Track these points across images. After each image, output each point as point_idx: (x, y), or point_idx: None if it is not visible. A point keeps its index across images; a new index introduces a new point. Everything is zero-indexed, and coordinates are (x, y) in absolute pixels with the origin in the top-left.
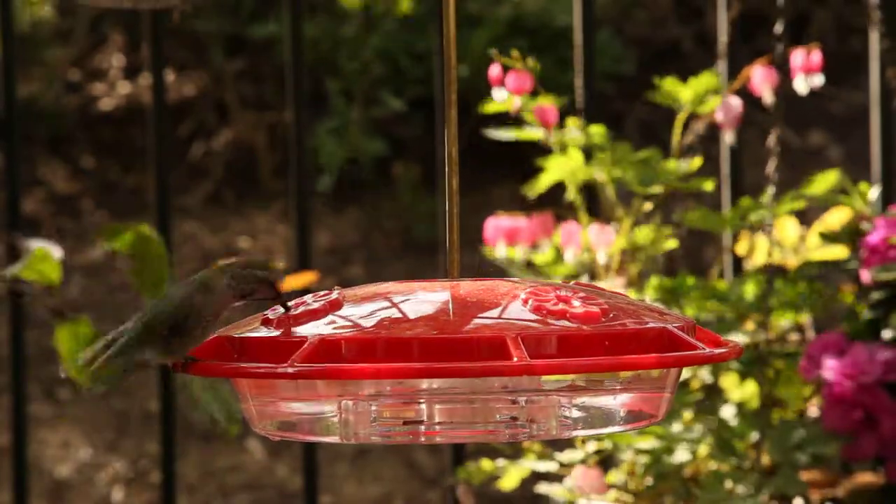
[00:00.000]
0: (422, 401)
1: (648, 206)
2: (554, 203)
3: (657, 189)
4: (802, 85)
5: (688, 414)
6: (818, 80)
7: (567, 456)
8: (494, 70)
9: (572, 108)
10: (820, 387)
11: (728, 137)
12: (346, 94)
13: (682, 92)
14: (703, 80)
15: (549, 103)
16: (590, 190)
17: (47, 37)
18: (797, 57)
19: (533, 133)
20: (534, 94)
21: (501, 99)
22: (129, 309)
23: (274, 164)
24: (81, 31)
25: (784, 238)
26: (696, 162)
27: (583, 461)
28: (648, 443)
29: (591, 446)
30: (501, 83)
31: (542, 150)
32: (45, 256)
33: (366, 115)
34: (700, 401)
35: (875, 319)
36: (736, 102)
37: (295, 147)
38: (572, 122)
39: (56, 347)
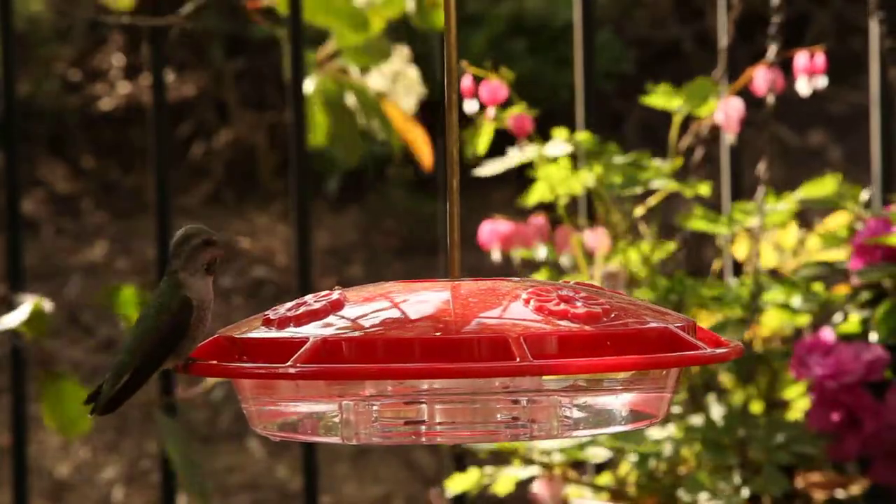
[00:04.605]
0: (423, 401)
1: (640, 210)
2: (554, 206)
3: (637, 190)
4: (805, 86)
5: (677, 418)
6: (822, 81)
7: (547, 459)
8: (465, 82)
9: (571, 109)
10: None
11: (728, 138)
12: None
13: (675, 98)
14: (698, 86)
15: (523, 112)
16: (586, 193)
17: (47, 36)
18: (800, 58)
19: (520, 157)
20: (507, 104)
21: (472, 111)
22: None
23: (274, 164)
24: (81, 31)
25: (783, 241)
26: (678, 161)
27: (580, 463)
28: (631, 443)
29: (557, 455)
30: (474, 94)
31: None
32: (40, 312)
33: None
34: (688, 400)
35: (864, 320)
36: (736, 104)
37: (295, 147)
38: (559, 133)
39: (43, 406)
